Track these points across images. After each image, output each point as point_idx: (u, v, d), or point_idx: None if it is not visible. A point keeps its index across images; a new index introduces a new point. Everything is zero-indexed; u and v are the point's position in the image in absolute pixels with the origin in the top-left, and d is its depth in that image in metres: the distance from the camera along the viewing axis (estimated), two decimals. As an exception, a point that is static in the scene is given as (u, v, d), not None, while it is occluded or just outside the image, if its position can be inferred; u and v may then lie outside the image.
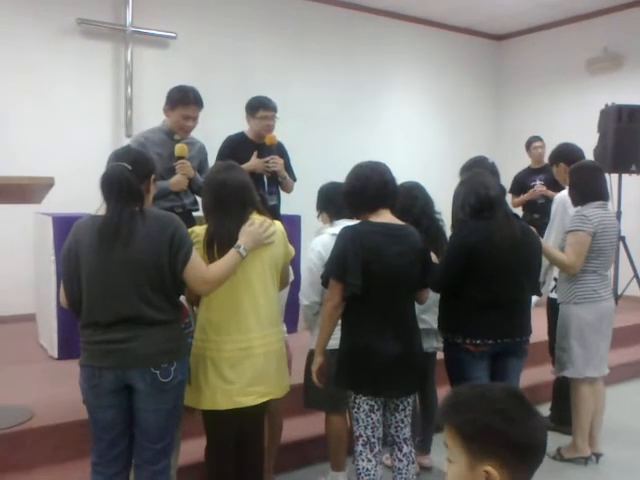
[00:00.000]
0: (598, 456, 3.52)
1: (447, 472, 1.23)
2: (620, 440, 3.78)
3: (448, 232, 3.15)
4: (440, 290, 2.93)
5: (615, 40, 7.03)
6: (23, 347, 4.42)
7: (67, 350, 3.94)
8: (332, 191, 3.00)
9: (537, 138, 6.23)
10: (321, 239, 2.93)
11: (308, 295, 2.93)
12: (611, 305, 3.49)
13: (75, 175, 4.97)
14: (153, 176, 2.34)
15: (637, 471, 3.45)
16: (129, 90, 5.71)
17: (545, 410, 4.06)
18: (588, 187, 3.42)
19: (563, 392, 3.65)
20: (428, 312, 3.08)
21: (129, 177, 2.15)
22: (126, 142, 5.17)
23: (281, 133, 4.14)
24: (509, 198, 5.87)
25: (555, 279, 3.61)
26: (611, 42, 7.06)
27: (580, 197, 3.43)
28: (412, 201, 3.03)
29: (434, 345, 3.16)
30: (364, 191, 2.55)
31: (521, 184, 6.13)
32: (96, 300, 2.15)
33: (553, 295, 3.68)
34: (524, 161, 6.37)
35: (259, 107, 4.02)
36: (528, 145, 6.27)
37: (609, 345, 3.52)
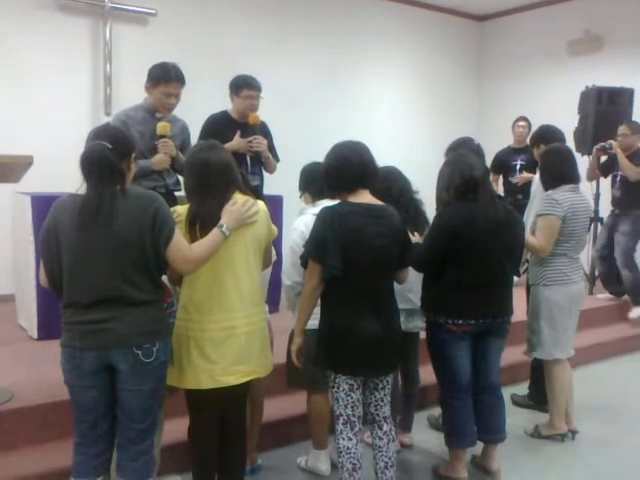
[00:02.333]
0: (574, 433, 3.59)
1: None
2: (593, 417, 3.87)
3: (428, 211, 3.17)
4: (424, 270, 2.95)
5: (596, 22, 7.05)
6: (2, 328, 4.36)
7: (47, 331, 3.90)
8: (314, 171, 2.99)
9: (522, 118, 6.23)
10: (304, 219, 2.93)
11: (290, 275, 2.93)
12: (580, 288, 3.54)
13: (54, 154, 4.88)
14: (134, 154, 2.31)
15: (609, 446, 3.55)
16: (108, 68, 5.59)
17: (524, 389, 4.14)
18: (558, 170, 3.45)
19: (540, 371, 3.71)
20: (413, 291, 3.09)
21: (109, 156, 2.11)
22: (105, 120, 5.09)
23: (264, 113, 4.10)
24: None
25: (527, 261, 3.65)
26: (592, 24, 7.08)
27: (551, 180, 3.46)
28: (390, 182, 3.02)
29: (419, 325, 3.17)
30: (343, 171, 2.54)
31: (502, 163, 6.15)
32: (77, 280, 2.13)
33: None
34: (506, 141, 6.38)
35: (244, 86, 3.97)
36: (513, 124, 6.28)
37: (576, 327, 3.58)
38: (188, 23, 6.02)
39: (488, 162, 3.14)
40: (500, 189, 6.09)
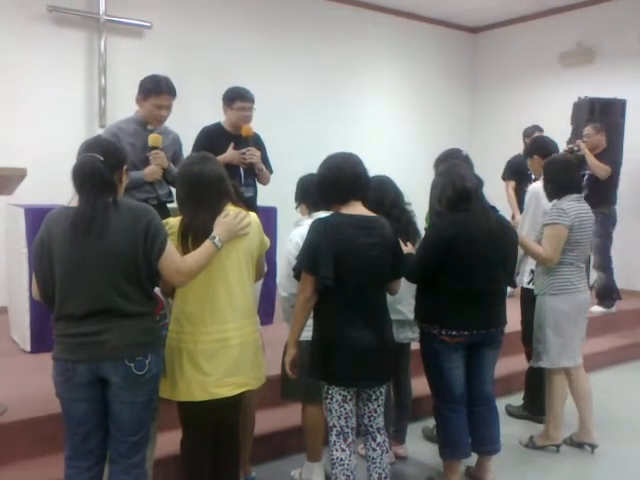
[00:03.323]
0: (593, 447, 3.54)
1: None
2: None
3: (419, 222, 3.19)
4: (416, 281, 2.96)
5: (588, 34, 7.12)
6: (-6, 341, 4.35)
7: (40, 344, 3.88)
8: (311, 182, 2.99)
9: (537, 128, 6.12)
10: (299, 230, 2.92)
11: (286, 287, 2.93)
12: (586, 297, 3.54)
13: (47, 166, 4.87)
14: (125, 166, 2.32)
15: (604, 456, 3.53)
16: (103, 80, 5.62)
17: (518, 400, 4.13)
18: (563, 180, 3.47)
19: (535, 382, 3.71)
20: (403, 303, 3.10)
21: (101, 168, 2.12)
22: (100, 132, 5.11)
23: (258, 124, 4.12)
24: (504, 183, 6.03)
25: (532, 271, 3.65)
26: (584, 36, 7.15)
27: (555, 190, 3.48)
28: (383, 193, 3.04)
29: (409, 336, 3.19)
30: (336, 182, 2.55)
31: (519, 170, 6.03)
32: (70, 292, 2.12)
33: (529, 286, 3.72)
34: (499, 151, 6.39)
35: (236, 98, 3.99)
36: (530, 134, 6.09)
37: (584, 336, 3.57)
38: (183, 36, 6.05)
39: (480, 174, 3.15)
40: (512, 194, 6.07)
